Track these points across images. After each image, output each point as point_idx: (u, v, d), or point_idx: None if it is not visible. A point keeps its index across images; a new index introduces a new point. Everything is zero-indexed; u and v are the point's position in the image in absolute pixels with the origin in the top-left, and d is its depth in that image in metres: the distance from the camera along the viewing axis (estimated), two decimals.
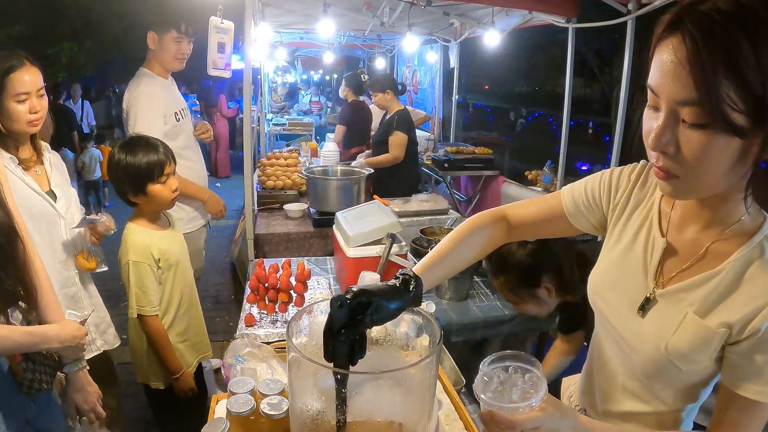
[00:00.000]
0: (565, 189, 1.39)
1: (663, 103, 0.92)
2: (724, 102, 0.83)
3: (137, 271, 2.27)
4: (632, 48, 3.97)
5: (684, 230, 1.13)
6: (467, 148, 6.53)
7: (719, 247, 1.06)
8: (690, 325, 1.06)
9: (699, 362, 1.07)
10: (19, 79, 2.12)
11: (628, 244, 1.23)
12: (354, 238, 2.45)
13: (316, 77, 17.35)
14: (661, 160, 0.95)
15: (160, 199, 2.33)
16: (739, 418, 1.04)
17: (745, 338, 1.00)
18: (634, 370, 1.20)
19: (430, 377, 1.00)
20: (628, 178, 1.27)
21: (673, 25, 0.89)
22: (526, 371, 1.04)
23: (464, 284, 2.73)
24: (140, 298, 2.28)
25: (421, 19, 5.91)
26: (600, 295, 1.27)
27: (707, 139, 0.88)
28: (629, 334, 1.18)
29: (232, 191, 9.98)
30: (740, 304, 1.01)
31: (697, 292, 1.07)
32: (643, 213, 1.22)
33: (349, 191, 3.85)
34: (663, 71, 0.90)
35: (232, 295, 5.52)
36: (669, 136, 0.92)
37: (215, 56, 3.23)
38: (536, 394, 1.00)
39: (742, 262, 1.02)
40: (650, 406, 1.20)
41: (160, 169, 2.28)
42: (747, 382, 1.01)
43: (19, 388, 1.68)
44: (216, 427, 1.22)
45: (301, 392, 0.99)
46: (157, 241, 2.35)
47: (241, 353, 1.60)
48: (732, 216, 1.05)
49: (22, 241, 1.74)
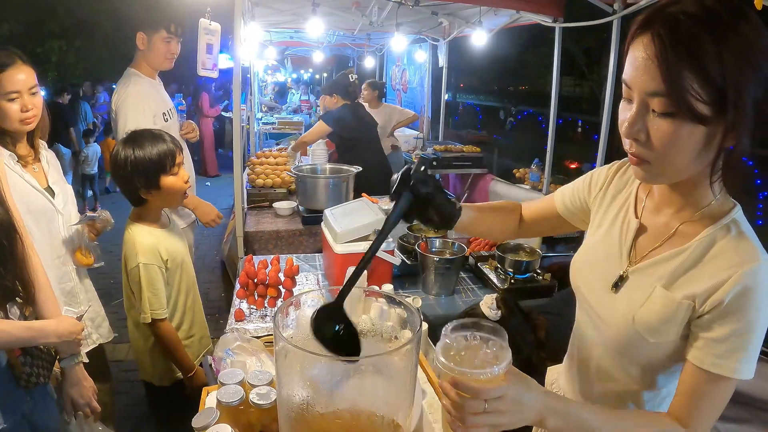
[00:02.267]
0: (557, 191, 1.54)
1: (635, 95, 1.02)
2: (688, 93, 0.94)
3: (148, 273, 2.20)
4: (618, 47, 4.01)
5: (658, 214, 1.22)
6: (455, 147, 6.57)
7: (688, 228, 1.15)
8: (658, 298, 1.14)
9: (665, 334, 1.13)
10: (9, 78, 2.13)
11: (607, 229, 1.33)
12: (342, 235, 2.49)
13: (306, 76, 17.34)
14: (634, 147, 1.06)
15: (173, 191, 2.26)
16: (700, 392, 1.09)
17: (708, 311, 1.07)
18: (606, 347, 1.27)
19: (412, 365, 1.04)
20: (606, 173, 1.40)
21: (645, 25, 1.00)
22: (488, 340, 1.07)
23: (451, 279, 2.77)
24: (152, 301, 2.21)
25: (410, 18, 5.94)
26: (581, 276, 1.36)
27: (674, 127, 0.98)
28: (603, 311, 1.26)
29: (222, 190, 10.00)
30: (704, 278, 1.08)
31: (664, 267, 1.15)
32: (621, 200, 1.33)
33: (337, 189, 3.89)
34: (635, 66, 1.01)
35: (222, 293, 5.53)
36: (640, 125, 1.02)
37: (204, 57, 3.27)
38: (500, 363, 1.02)
39: (707, 240, 1.10)
40: (621, 384, 1.27)
41: (172, 158, 2.21)
42: (707, 356, 1.07)
43: (17, 382, 1.71)
44: (206, 416, 1.24)
45: (288, 381, 1.03)
46: (163, 242, 2.29)
47: (231, 347, 1.63)
48: (702, 201, 1.13)
49: (21, 237, 1.76)
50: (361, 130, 5.00)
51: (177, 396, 2.45)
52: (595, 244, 1.34)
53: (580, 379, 1.40)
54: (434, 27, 6.50)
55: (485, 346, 1.06)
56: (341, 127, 4.87)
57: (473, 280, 3.04)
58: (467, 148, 6.50)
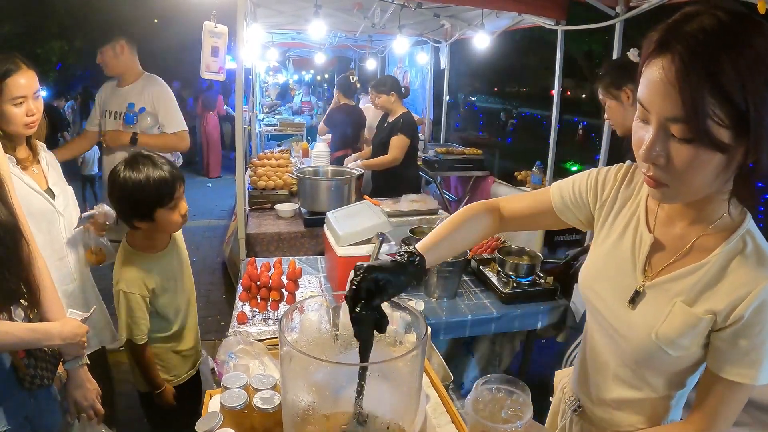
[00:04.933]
0: (553, 186, 1.48)
1: (653, 118, 0.99)
2: (709, 118, 0.91)
3: (127, 301, 2.18)
4: (620, 50, 4.01)
5: (670, 226, 1.21)
6: (457, 149, 6.55)
7: (704, 242, 1.14)
8: (679, 313, 1.14)
9: (687, 348, 1.14)
10: (15, 83, 2.15)
11: (616, 240, 1.31)
12: (344, 238, 2.49)
13: (307, 77, 17.33)
14: (652, 170, 1.03)
15: (167, 225, 2.20)
16: (720, 399, 1.12)
17: (729, 325, 1.08)
18: (624, 359, 1.27)
19: (417, 371, 1.04)
20: (614, 177, 1.36)
21: (662, 46, 0.96)
22: (513, 393, 1.17)
23: (453, 282, 2.77)
24: (131, 328, 2.21)
25: (412, 20, 5.92)
26: (591, 288, 1.35)
27: (695, 152, 0.95)
28: (620, 325, 1.25)
29: (223, 191, 10.00)
30: (724, 293, 1.09)
31: (683, 283, 1.15)
32: (630, 210, 1.30)
33: (339, 191, 3.89)
34: (653, 89, 0.98)
35: (223, 294, 5.53)
36: (659, 149, 1.00)
37: (209, 60, 3.26)
38: (523, 416, 1.12)
39: (725, 255, 1.11)
40: (641, 392, 1.28)
41: (171, 193, 2.12)
42: (730, 366, 1.10)
43: (20, 384, 1.71)
44: (210, 421, 1.24)
45: (293, 385, 1.03)
46: (153, 269, 2.23)
47: (233, 350, 1.63)
48: (715, 214, 1.13)
49: (26, 240, 1.76)
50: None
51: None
52: (605, 255, 1.33)
53: (595, 387, 1.40)
54: (436, 29, 6.49)
55: (509, 399, 1.18)
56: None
57: (475, 283, 3.04)
58: (469, 150, 6.48)
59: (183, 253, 2.44)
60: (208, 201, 9.40)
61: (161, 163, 2.13)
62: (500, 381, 1.19)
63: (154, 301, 2.25)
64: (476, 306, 2.76)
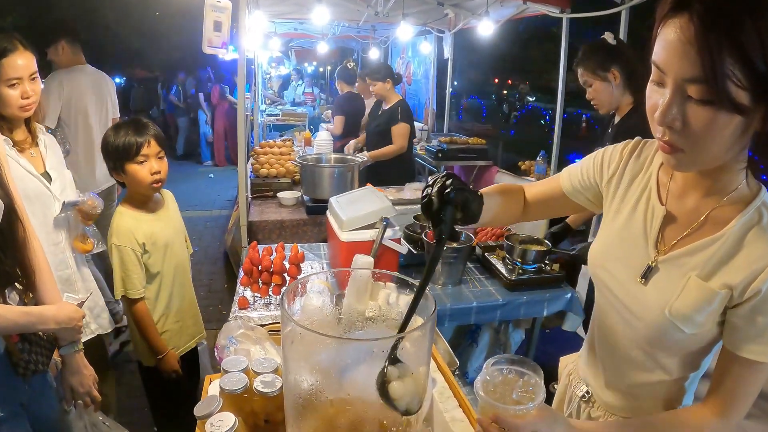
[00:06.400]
0: (564, 170, 1.48)
1: (669, 80, 0.95)
2: (728, 79, 0.87)
3: (120, 254, 2.28)
4: (626, 39, 3.97)
5: (684, 199, 1.17)
6: (461, 139, 6.54)
7: (718, 214, 1.10)
8: (693, 287, 1.10)
9: (702, 324, 1.10)
10: (11, 64, 2.10)
11: (627, 216, 1.27)
12: (348, 222, 2.45)
13: (309, 69, 17.30)
14: (668, 135, 0.99)
15: (137, 180, 2.30)
16: (738, 379, 1.08)
17: (746, 300, 1.05)
18: (637, 339, 1.22)
19: (424, 352, 1.00)
20: (620, 153, 1.32)
21: (679, 5, 0.92)
22: (524, 374, 1.13)
23: (457, 269, 2.73)
24: (124, 281, 2.29)
25: (415, 9, 5.90)
26: (601, 265, 1.30)
27: (712, 114, 0.92)
28: (632, 302, 1.21)
29: (225, 182, 9.97)
30: (741, 267, 1.05)
31: (698, 257, 1.11)
32: (641, 185, 1.26)
33: (342, 178, 3.87)
34: (670, 50, 0.94)
35: (225, 284, 5.51)
36: (675, 112, 0.96)
37: (211, 35, 3.17)
38: (535, 398, 1.08)
39: (741, 228, 1.07)
40: (654, 375, 1.24)
41: (137, 149, 2.26)
42: (748, 344, 1.06)
43: (14, 370, 1.67)
44: (209, 405, 1.21)
45: (296, 366, 0.99)
46: (144, 225, 2.34)
47: (234, 335, 1.60)
48: (730, 185, 1.09)
49: (22, 222, 1.73)
50: None
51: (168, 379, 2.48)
52: (616, 232, 1.29)
53: (605, 372, 1.36)
54: (439, 18, 6.44)
55: (521, 380, 1.13)
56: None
57: (480, 270, 3.00)
58: (472, 140, 6.47)
59: (177, 224, 2.54)
60: (210, 191, 9.39)
61: (143, 124, 2.32)
62: (510, 362, 1.14)
63: (144, 257, 2.35)
64: (481, 293, 2.72)
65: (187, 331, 2.57)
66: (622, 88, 2.89)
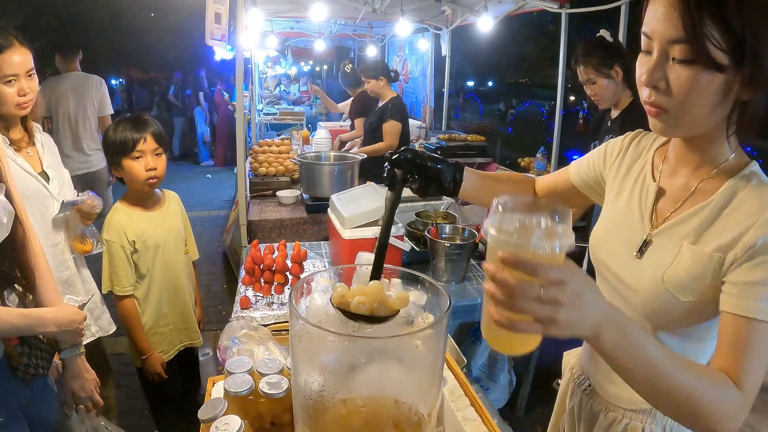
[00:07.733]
0: (573, 162, 1.54)
1: (655, 44, 1.03)
2: (708, 40, 0.95)
3: (109, 250, 2.31)
4: (626, 36, 3.95)
5: (675, 176, 1.23)
6: (459, 136, 6.54)
7: (707, 185, 1.15)
8: (686, 254, 1.12)
9: (696, 292, 1.11)
10: (7, 60, 2.06)
11: (626, 198, 1.32)
12: (350, 220, 2.42)
13: (306, 68, 17.26)
14: (653, 95, 1.06)
15: (132, 176, 2.32)
16: (745, 344, 1.02)
17: (740, 257, 1.04)
18: (635, 317, 1.20)
19: (437, 350, 0.97)
20: (621, 143, 1.41)
21: None
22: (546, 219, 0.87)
23: (461, 266, 2.70)
24: (111, 276, 2.33)
25: (413, 6, 5.88)
26: (602, 247, 1.34)
27: (694, 74, 0.99)
28: (629, 277, 1.24)
29: (223, 182, 9.95)
30: (730, 227, 1.08)
31: (689, 225, 1.15)
32: (638, 170, 1.33)
33: (342, 176, 3.85)
34: (656, 16, 1.02)
35: (224, 284, 5.48)
36: (660, 73, 1.03)
37: (213, 26, 3.14)
38: (563, 239, 0.84)
39: (729, 192, 1.11)
40: None
41: (133, 144, 2.29)
42: (748, 302, 1.02)
43: (13, 373, 1.64)
44: (213, 407, 1.18)
45: (306, 366, 0.96)
46: (136, 223, 2.36)
47: (237, 335, 1.57)
48: (719, 157, 1.14)
49: (21, 223, 1.69)
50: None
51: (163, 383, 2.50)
52: (615, 213, 1.34)
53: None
54: (437, 15, 6.42)
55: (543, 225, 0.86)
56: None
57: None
58: (471, 136, 6.47)
59: (175, 226, 2.55)
60: (208, 192, 9.37)
61: (142, 121, 2.36)
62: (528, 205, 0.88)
63: (134, 255, 2.38)
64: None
65: (178, 336, 2.58)
66: (623, 83, 2.98)
